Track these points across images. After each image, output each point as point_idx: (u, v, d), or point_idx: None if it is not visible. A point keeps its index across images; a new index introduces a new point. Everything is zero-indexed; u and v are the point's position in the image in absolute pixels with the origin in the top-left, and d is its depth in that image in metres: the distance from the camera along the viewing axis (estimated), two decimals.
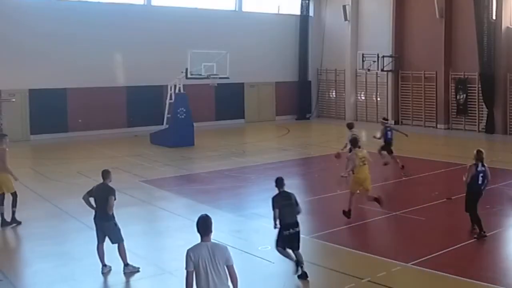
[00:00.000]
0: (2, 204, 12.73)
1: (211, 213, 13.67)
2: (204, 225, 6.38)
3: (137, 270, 9.77)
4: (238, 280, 6.42)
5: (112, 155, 21.50)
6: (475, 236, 11.21)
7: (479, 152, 11.39)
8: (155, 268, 10.07)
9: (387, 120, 20.69)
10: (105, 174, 9.92)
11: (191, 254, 6.21)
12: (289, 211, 9.51)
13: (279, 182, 9.74)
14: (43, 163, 20.08)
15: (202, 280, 6.17)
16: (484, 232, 11.18)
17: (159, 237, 12.26)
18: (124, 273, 9.68)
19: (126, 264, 9.74)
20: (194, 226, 6.54)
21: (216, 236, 11.43)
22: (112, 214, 9.69)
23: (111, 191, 9.66)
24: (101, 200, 9.69)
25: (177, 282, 9.60)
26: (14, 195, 12.84)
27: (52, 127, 26.22)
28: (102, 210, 9.67)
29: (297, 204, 9.67)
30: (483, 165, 11.39)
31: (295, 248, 9.58)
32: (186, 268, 6.21)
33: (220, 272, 6.23)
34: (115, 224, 9.74)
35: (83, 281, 9.58)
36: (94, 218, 9.84)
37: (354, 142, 13.67)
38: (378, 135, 18.78)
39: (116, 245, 9.74)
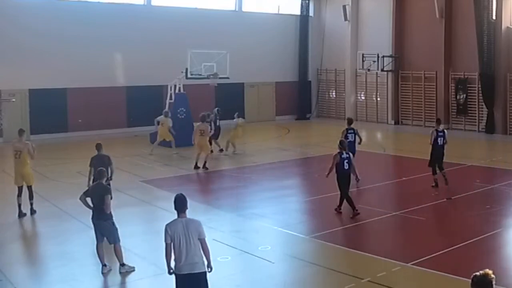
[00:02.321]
0: (20, 196, 13.56)
1: (211, 213, 13.76)
2: (180, 203, 7.18)
3: (132, 269, 9.78)
4: (210, 251, 7.18)
5: (112, 155, 21.38)
6: (351, 215, 12.87)
7: (342, 142, 13.53)
8: (155, 268, 10.06)
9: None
10: (101, 173, 9.94)
11: (168, 229, 7.09)
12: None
13: (98, 147, 12.96)
14: (43, 163, 20.04)
15: (176, 251, 7.01)
16: (357, 210, 12.88)
17: (159, 237, 12.13)
18: (120, 273, 9.68)
19: (122, 264, 9.75)
20: None
21: (216, 235, 11.53)
22: (110, 213, 9.69)
23: (107, 190, 9.67)
24: (98, 200, 9.70)
25: None
26: (30, 188, 13.60)
27: (52, 127, 26.21)
28: (99, 210, 9.68)
29: (110, 164, 12.42)
30: (347, 153, 13.25)
31: None
32: (165, 241, 7.10)
33: (193, 244, 7.00)
34: (113, 224, 9.75)
35: (83, 281, 9.58)
36: (92, 218, 9.85)
37: (202, 118, 19.08)
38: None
39: (112, 245, 9.75)
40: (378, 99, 32.32)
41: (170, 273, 7.20)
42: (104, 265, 9.74)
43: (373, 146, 24.50)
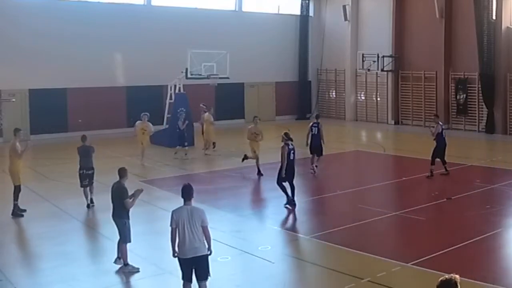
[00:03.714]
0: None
1: (211, 212, 13.74)
2: (187, 192, 7.77)
3: (136, 270, 9.78)
4: (211, 238, 7.80)
5: (112, 155, 21.49)
6: (287, 205, 13.65)
7: (287, 134, 14.37)
8: (155, 268, 10.07)
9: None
10: (120, 172, 9.94)
11: (173, 215, 7.70)
12: (86, 159, 13.99)
13: (82, 138, 14.27)
14: (43, 163, 20.05)
15: (181, 236, 7.61)
16: (294, 201, 13.64)
17: (159, 237, 12.23)
18: (123, 272, 9.69)
19: (125, 264, 9.76)
20: None
21: (216, 235, 11.50)
22: (126, 213, 9.78)
23: (123, 194, 9.68)
24: (114, 199, 9.80)
25: (177, 282, 9.62)
26: (18, 188, 13.47)
27: (52, 127, 26.20)
28: (116, 208, 9.81)
29: (93, 152, 14.07)
30: (292, 144, 14.13)
31: (90, 184, 13.93)
32: (170, 225, 7.73)
33: (196, 230, 7.58)
34: (125, 223, 9.78)
35: (83, 281, 9.58)
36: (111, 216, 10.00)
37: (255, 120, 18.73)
38: None
39: (119, 243, 9.80)
40: (378, 99, 32.32)
41: (174, 256, 7.83)
42: (118, 258, 9.84)
43: (373, 146, 24.51)
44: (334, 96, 34.58)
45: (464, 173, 18.21)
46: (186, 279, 7.85)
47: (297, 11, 34.29)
